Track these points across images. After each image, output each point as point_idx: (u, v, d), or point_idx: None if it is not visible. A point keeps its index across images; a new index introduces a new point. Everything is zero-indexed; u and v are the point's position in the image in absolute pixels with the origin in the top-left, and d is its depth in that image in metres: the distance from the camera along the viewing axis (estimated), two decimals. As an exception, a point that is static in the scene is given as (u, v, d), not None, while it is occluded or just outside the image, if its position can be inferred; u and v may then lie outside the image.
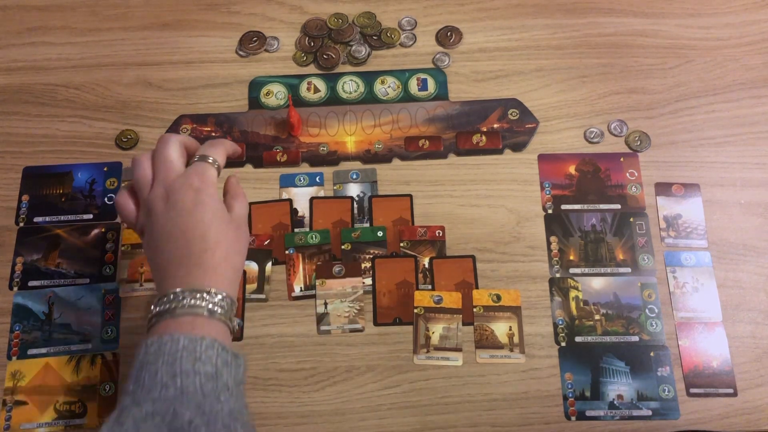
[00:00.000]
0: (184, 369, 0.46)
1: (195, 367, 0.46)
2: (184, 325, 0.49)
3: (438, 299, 0.68)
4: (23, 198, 0.72)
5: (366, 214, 0.72)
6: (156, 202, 0.53)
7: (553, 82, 0.78)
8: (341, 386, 0.64)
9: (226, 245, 0.52)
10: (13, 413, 0.63)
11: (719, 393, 0.64)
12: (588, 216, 0.71)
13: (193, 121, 0.76)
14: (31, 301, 0.68)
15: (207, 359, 0.47)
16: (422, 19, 0.82)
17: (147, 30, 0.82)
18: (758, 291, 0.68)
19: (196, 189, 0.53)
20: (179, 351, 0.46)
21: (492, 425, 0.63)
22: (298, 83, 0.79)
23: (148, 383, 0.45)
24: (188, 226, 0.51)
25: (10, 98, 0.78)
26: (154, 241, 0.52)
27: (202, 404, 0.45)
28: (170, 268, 0.51)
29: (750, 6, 0.83)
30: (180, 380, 0.45)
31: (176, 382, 0.45)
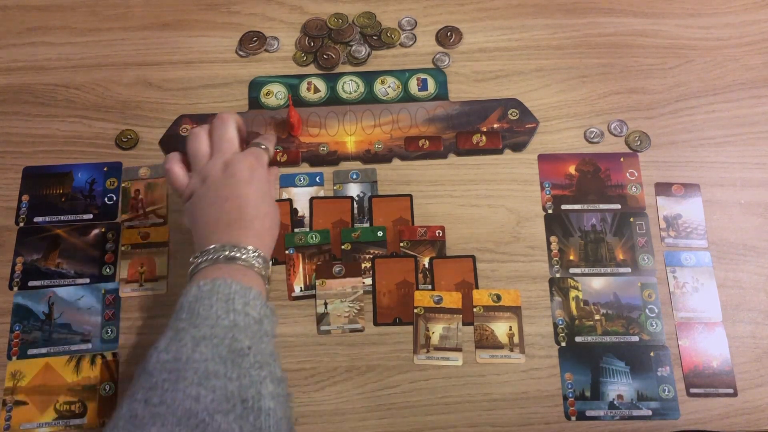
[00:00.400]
0: (237, 308, 0.51)
1: (245, 309, 0.52)
2: (233, 271, 0.54)
3: (438, 299, 0.68)
4: (23, 198, 0.72)
5: (366, 214, 0.72)
6: (214, 170, 0.59)
7: (553, 82, 0.78)
8: (341, 386, 0.64)
9: (272, 217, 0.60)
10: (13, 413, 0.63)
11: (719, 393, 0.64)
12: (588, 216, 0.71)
13: (193, 122, 0.76)
14: (31, 301, 0.68)
15: (254, 306, 0.52)
16: (422, 19, 0.82)
17: (147, 30, 0.82)
18: (758, 291, 0.68)
19: (252, 166, 0.59)
20: (232, 293, 0.52)
21: (492, 425, 0.63)
22: (298, 83, 0.79)
23: (204, 313, 0.51)
24: (244, 193, 0.58)
25: (10, 98, 0.78)
26: (207, 202, 0.58)
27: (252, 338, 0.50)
28: (220, 225, 0.57)
29: (750, 6, 0.83)
30: (233, 316, 0.51)
31: (230, 317, 0.51)
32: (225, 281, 0.52)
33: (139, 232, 0.71)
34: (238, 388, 0.46)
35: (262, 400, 0.47)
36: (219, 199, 0.58)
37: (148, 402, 0.45)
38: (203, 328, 0.49)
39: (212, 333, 0.49)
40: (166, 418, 0.43)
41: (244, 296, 0.52)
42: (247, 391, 0.47)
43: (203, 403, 0.44)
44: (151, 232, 0.71)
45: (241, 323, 0.51)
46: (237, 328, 0.50)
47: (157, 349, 0.48)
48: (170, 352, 0.48)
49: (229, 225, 0.57)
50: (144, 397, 0.45)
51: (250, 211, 0.57)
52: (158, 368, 0.47)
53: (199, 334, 0.49)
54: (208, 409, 0.44)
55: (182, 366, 0.46)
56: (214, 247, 0.55)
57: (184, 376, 0.46)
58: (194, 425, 0.43)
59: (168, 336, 0.49)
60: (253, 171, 0.59)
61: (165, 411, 0.44)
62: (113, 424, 0.45)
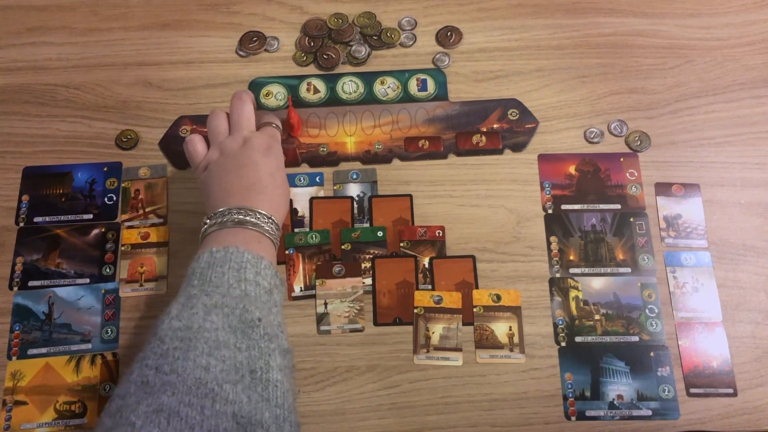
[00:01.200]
0: (248, 277, 0.53)
1: (256, 279, 0.53)
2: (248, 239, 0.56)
3: (438, 299, 0.68)
4: (23, 198, 0.72)
5: (366, 214, 0.72)
6: (233, 143, 0.62)
7: (553, 82, 0.78)
8: (341, 386, 0.64)
9: (285, 188, 0.63)
10: (13, 413, 0.63)
11: (719, 393, 0.64)
12: (588, 216, 0.71)
13: (193, 122, 0.76)
14: (31, 301, 0.68)
15: (265, 276, 0.54)
16: (422, 19, 0.82)
17: (147, 30, 0.82)
18: (758, 291, 0.68)
19: (269, 143, 0.63)
20: (244, 262, 0.53)
21: (492, 425, 0.63)
22: (298, 84, 0.79)
23: (216, 281, 0.52)
24: (262, 162, 0.61)
25: (10, 98, 0.78)
26: (224, 169, 0.61)
27: (262, 309, 0.52)
28: (236, 189, 0.59)
29: (750, 6, 0.83)
30: (245, 285, 0.52)
31: (241, 286, 0.52)
32: (238, 249, 0.54)
33: (139, 232, 0.71)
34: (247, 359, 0.48)
35: (270, 372, 0.48)
36: (236, 167, 0.60)
37: (159, 370, 0.45)
38: (215, 296, 0.50)
39: (223, 302, 0.50)
40: (176, 387, 0.44)
41: (256, 266, 0.54)
42: (256, 362, 0.48)
43: (213, 372, 0.45)
44: (151, 232, 0.71)
45: (252, 293, 0.52)
46: (248, 299, 0.51)
47: (169, 315, 0.49)
48: (182, 320, 0.48)
49: (244, 189, 0.59)
50: (155, 364, 0.46)
51: (265, 178, 0.60)
52: (170, 335, 0.48)
53: (211, 302, 0.50)
54: (217, 378, 0.45)
55: (193, 335, 0.47)
56: (228, 209, 0.57)
57: (195, 345, 0.47)
58: (204, 394, 0.44)
59: (180, 302, 0.50)
60: (270, 146, 0.63)
61: (176, 380, 0.45)
62: (125, 389, 0.46)
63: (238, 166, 0.60)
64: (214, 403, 0.44)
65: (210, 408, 0.44)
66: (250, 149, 0.61)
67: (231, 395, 0.45)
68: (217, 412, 0.44)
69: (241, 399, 0.45)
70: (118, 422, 0.43)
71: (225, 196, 0.59)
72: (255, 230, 0.57)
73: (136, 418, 0.43)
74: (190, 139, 0.65)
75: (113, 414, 0.44)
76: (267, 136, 0.64)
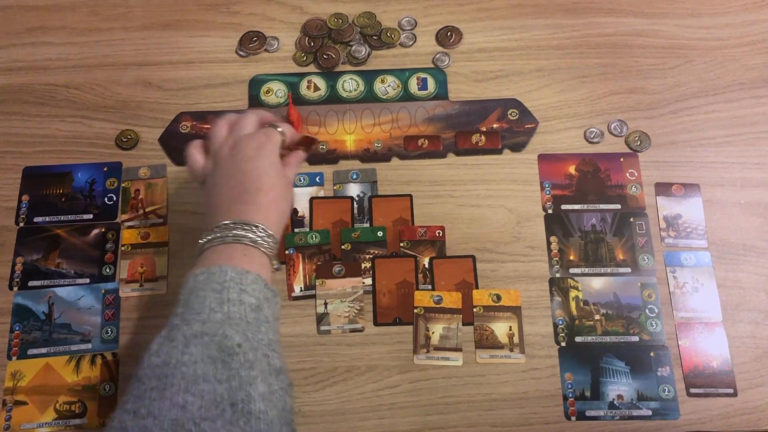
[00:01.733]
0: (231, 297, 0.50)
1: (241, 297, 0.50)
2: (232, 255, 0.53)
3: (438, 299, 0.68)
4: (23, 198, 0.72)
5: (366, 214, 0.72)
6: (224, 150, 0.59)
7: (553, 82, 0.78)
8: (341, 386, 0.64)
9: (277, 192, 0.58)
10: (13, 413, 0.63)
11: (719, 393, 0.64)
12: (588, 216, 0.71)
13: (193, 119, 0.76)
14: (31, 301, 0.68)
15: (252, 292, 0.51)
16: (422, 19, 0.82)
17: (147, 30, 0.82)
18: (758, 291, 0.68)
19: (260, 144, 0.59)
20: (227, 281, 0.51)
21: (492, 425, 0.63)
22: (298, 81, 0.79)
23: (197, 307, 0.49)
24: (247, 168, 0.57)
25: (10, 98, 0.78)
26: (215, 182, 0.58)
27: (246, 331, 0.49)
28: (225, 203, 0.57)
29: (750, 6, 0.83)
30: (227, 307, 0.49)
31: (223, 309, 0.49)
32: (221, 269, 0.51)
33: (139, 232, 0.71)
34: (227, 391, 0.45)
35: (251, 403, 0.45)
36: (224, 177, 0.58)
37: (136, 414, 0.44)
38: (195, 325, 0.48)
39: (203, 330, 0.48)
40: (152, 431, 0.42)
41: (240, 282, 0.51)
42: (236, 394, 0.45)
43: (190, 411, 0.43)
44: (151, 232, 0.71)
45: (236, 315, 0.49)
46: (229, 322, 0.49)
47: (149, 352, 0.47)
48: (161, 355, 0.47)
49: (231, 201, 0.56)
50: (133, 408, 0.44)
51: (251, 185, 0.56)
52: (148, 374, 0.46)
53: (191, 332, 0.47)
54: (194, 417, 0.43)
55: (170, 371, 0.45)
56: (217, 226, 0.55)
57: (171, 382, 0.45)
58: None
59: (162, 335, 0.49)
60: (261, 148, 0.58)
61: (152, 424, 0.43)
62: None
63: (226, 177, 0.58)
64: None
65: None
66: (238, 154, 0.58)
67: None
68: None
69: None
70: None
71: (216, 210, 0.57)
72: (240, 243, 0.54)
73: None
74: (188, 151, 0.61)
75: None
76: (260, 136, 0.59)
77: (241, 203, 0.56)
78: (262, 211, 0.56)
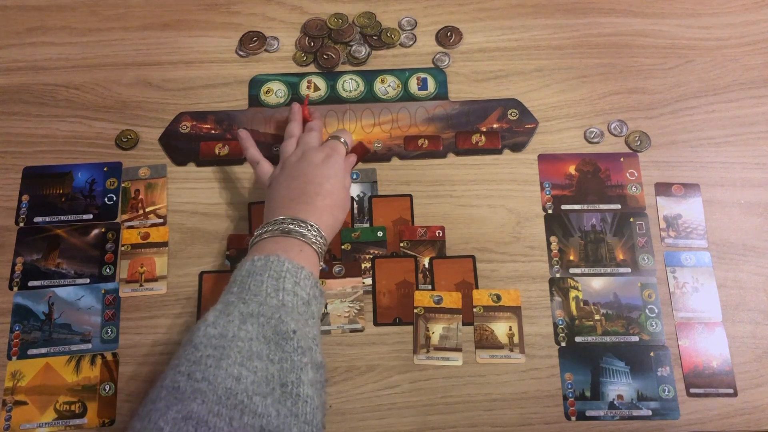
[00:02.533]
0: (287, 287, 0.53)
1: (295, 289, 0.53)
2: (289, 248, 0.56)
3: (438, 299, 0.68)
4: (23, 198, 0.72)
5: (366, 214, 0.72)
6: (292, 158, 0.65)
7: (553, 82, 0.78)
8: (341, 386, 0.64)
9: (335, 198, 0.62)
10: (13, 413, 0.63)
11: (719, 393, 0.64)
12: (588, 216, 0.71)
13: (193, 119, 0.76)
14: (31, 301, 0.68)
15: (304, 286, 0.54)
16: (422, 19, 0.82)
17: (147, 30, 0.82)
18: (758, 291, 0.68)
19: (327, 154, 0.64)
20: (284, 271, 0.54)
21: (492, 425, 0.63)
22: (298, 81, 0.79)
23: (255, 289, 0.52)
24: (311, 173, 0.62)
25: (10, 98, 0.78)
26: (280, 183, 0.63)
27: (298, 321, 0.51)
28: (285, 202, 0.60)
29: (750, 6, 0.83)
30: (282, 295, 0.52)
31: (279, 296, 0.52)
32: (278, 258, 0.54)
33: (139, 232, 0.71)
34: (279, 372, 0.48)
35: (301, 387, 0.48)
36: (289, 179, 0.62)
37: (191, 376, 0.45)
38: (252, 305, 0.51)
39: (260, 311, 0.50)
40: (206, 395, 0.44)
41: (295, 275, 0.54)
42: (287, 375, 0.48)
43: (244, 383, 0.45)
44: (151, 232, 0.71)
45: (290, 304, 0.52)
46: (284, 309, 0.51)
47: (205, 322, 0.49)
48: (218, 327, 0.49)
49: (291, 200, 0.60)
50: (188, 371, 0.46)
51: (312, 188, 0.61)
52: (204, 342, 0.48)
53: (247, 311, 0.50)
54: (247, 390, 0.45)
55: (227, 343, 0.47)
56: (275, 219, 0.58)
57: (228, 354, 0.47)
58: (233, 405, 0.44)
59: (217, 309, 0.51)
60: (328, 157, 0.64)
61: (206, 387, 0.45)
62: (156, 393, 0.46)
63: (291, 179, 0.62)
64: (243, 415, 0.44)
65: (238, 420, 0.44)
66: (305, 162, 0.63)
67: (260, 408, 0.45)
68: (245, 424, 0.44)
69: (270, 413, 0.45)
70: (146, 426, 0.43)
71: (275, 207, 0.61)
72: (297, 239, 0.57)
73: (164, 423, 0.43)
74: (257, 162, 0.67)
75: (143, 417, 0.44)
76: (327, 148, 0.65)
77: (300, 203, 0.60)
78: (317, 213, 0.59)
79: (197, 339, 0.48)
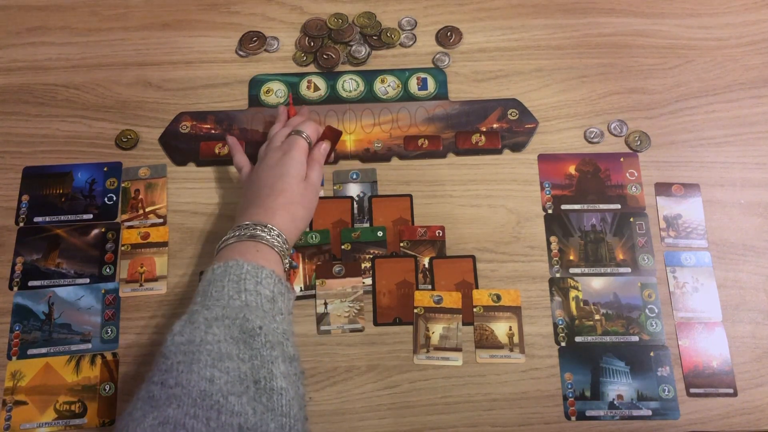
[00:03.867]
0: (248, 288, 0.53)
1: (257, 288, 0.54)
2: (245, 251, 0.57)
3: (438, 299, 0.68)
4: (23, 198, 0.72)
5: (366, 214, 0.72)
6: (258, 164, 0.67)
7: (553, 82, 0.78)
8: (341, 386, 0.64)
9: (289, 195, 0.62)
10: (13, 413, 0.63)
11: (719, 393, 0.64)
12: (588, 216, 0.71)
13: (193, 119, 0.76)
14: (31, 301, 0.68)
15: (267, 285, 0.55)
16: (422, 19, 0.82)
17: (147, 30, 0.82)
18: (758, 291, 0.68)
19: (284, 151, 0.65)
20: (244, 273, 0.54)
21: (492, 425, 0.63)
22: (298, 81, 0.79)
23: (216, 295, 0.53)
24: (264, 176, 0.64)
25: (10, 98, 0.78)
26: (244, 190, 0.66)
27: (264, 317, 0.52)
28: (245, 207, 0.62)
29: (750, 6, 0.83)
30: (245, 296, 0.53)
31: (242, 297, 0.53)
32: (237, 262, 0.55)
33: (139, 232, 0.71)
34: (250, 369, 0.48)
35: (273, 380, 0.48)
36: (249, 184, 0.65)
37: (164, 384, 0.46)
38: (215, 310, 0.51)
39: (224, 314, 0.51)
40: (182, 399, 0.44)
41: (256, 276, 0.54)
42: (259, 371, 0.48)
43: (218, 384, 0.46)
44: (151, 232, 0.71)
45: (253, 303, 0.53)
46: (248, 308, 0.52)
47: (171, 333, 0.50)
48: (184, 335, 0.49)
49: (249, 205, 0.62)
50: (160, 380, 0.46)
51: (265, 191, 0.62)
52: (173, 350, 0.48)
53: (212, 316, 0.50)
54: (222, 390, 0.45)
55: (196, 348, 0.48)
56: (237, 226, 0.60)
57: (198, 358, 0.47)
58: (209, 406, 0.44)
59: (183, 320, 0.51)
60: (284, 156, 0.64)
61: (181, 392, 0.45)
62: (132, 405, 0.46)
63: (250, 183, 0.65)
64: (220, 414, 0.44)
65: (215, 420, 0.44)
66: (262, 164, 0.65)
67: (236, 407, 0.45)
68: (223, 424, 0.44)
69: (246, 411, 0.45)
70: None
71: (238, 213, 0.63)
72: (254, 242, 0.58)
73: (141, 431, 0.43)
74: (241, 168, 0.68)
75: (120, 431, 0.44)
76: (285, 145, 0.66)
77: (255, 206, 0.61)
78: (270, 213, 0.60)
79: (166, 349, 0.49)
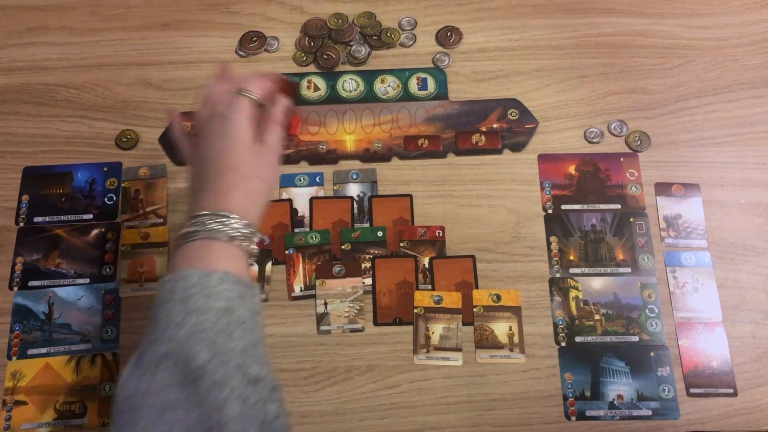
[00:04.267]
0: (196, 306, 0.46)
1: (207, 303, 0.46)
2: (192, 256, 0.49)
3: (438, 299, 0.68)
4: (23, 198, 0.72)
5: (366, 214, 0.72)
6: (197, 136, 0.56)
7: (553, 82, 0.78)
8: (341, 386, 0.64)
9: (241, 170, 0.52)
10: (13, 413, 0.63)
11: (719, 393, 0.64)
12: (588, 216, 0.71)
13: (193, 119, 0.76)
14: (31, 301, 0.68)
15: (218, 294, 0.47)
16: (422, 19, 0.82)
17: (147, 30, 0.82)
18: (758, 291, 0.68)
19: (223, 117, 0.54)
20: (190, 288, 0.46)
21: (492, 425, 0.63)
22: (299, 81, 0.79)
23: (163, 323, 0.46)
24: (208, 152, 0.53)
25: (10, 98, 0.78)
26: (190, 170, 0.55)
27: (215, 342, 0.45)
28: (193, 194, 0.53)
29: (750, 6, 0.83)
30: (194, 318, 0.45)
31: (189, 320, 0.45)
32: (183, 275, 0.47)
33: (139, 232, 0.71)
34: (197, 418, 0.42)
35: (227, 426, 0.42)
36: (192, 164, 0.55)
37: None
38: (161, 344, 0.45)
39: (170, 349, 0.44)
40: None
41: (204, 287, 0.47)
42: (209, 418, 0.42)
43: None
44: (151, 232, 0.71)
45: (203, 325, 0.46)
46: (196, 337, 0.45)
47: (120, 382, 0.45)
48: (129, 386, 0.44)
49: (199, 191, 0.52)
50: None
51: (213, 170, 0.52)
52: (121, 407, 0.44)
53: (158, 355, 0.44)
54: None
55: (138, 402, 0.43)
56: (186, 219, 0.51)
57: (141, 416, 0.42)
58: None
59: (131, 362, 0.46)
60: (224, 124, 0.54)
61: None
62: None
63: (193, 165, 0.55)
64: None
65: None
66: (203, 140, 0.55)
67: None
68: None
69: None
70: None
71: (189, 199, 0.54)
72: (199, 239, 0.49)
73: None
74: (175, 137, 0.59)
75: None
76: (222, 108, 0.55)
77: (204, 192, 0.52)
78: (221, 197, 0.51)
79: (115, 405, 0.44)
